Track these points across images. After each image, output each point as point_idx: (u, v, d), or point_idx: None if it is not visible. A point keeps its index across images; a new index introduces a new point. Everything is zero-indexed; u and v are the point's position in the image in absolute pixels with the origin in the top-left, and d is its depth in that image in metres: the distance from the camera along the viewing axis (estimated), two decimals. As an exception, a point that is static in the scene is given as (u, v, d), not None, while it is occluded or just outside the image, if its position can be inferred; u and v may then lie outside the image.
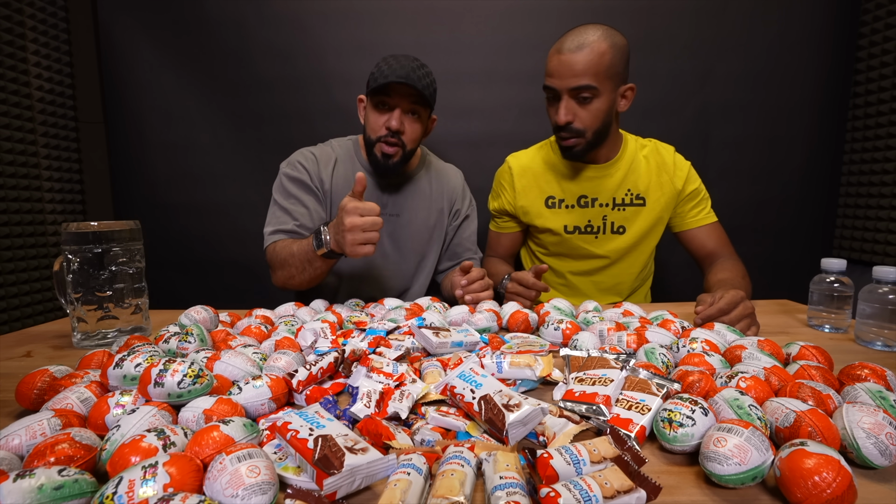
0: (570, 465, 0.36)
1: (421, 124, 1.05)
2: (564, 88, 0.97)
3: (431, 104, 1.04)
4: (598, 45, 0.94)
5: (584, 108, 0.98)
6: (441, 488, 0.34)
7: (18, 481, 0.32)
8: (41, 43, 1.49)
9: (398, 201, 1.13)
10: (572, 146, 1.02)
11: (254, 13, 1.53)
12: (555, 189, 1.12)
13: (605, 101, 0.98)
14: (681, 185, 1.10)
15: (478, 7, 1.54)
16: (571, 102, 0.98)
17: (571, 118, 0.98)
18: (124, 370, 0.50)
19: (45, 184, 1.52)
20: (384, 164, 1.04)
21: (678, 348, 0.64)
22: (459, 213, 1.20)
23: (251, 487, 0.33)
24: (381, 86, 0.97)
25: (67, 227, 0.72)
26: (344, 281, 1.16)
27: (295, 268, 0.96)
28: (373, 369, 0.55)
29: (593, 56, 0.93)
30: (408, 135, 1.03)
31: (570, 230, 1.12)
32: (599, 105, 0.98)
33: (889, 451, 0.38)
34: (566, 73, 0.95)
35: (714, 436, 0.38)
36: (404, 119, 1.01)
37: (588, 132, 1.00)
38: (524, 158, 1.17)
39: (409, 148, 1.05)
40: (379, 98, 1.01)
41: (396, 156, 1.04)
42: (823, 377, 0.52)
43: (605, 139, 1.04)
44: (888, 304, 0.71)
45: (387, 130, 1.01)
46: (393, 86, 0.97)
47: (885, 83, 1.44)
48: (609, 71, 0.95)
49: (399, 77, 0.95)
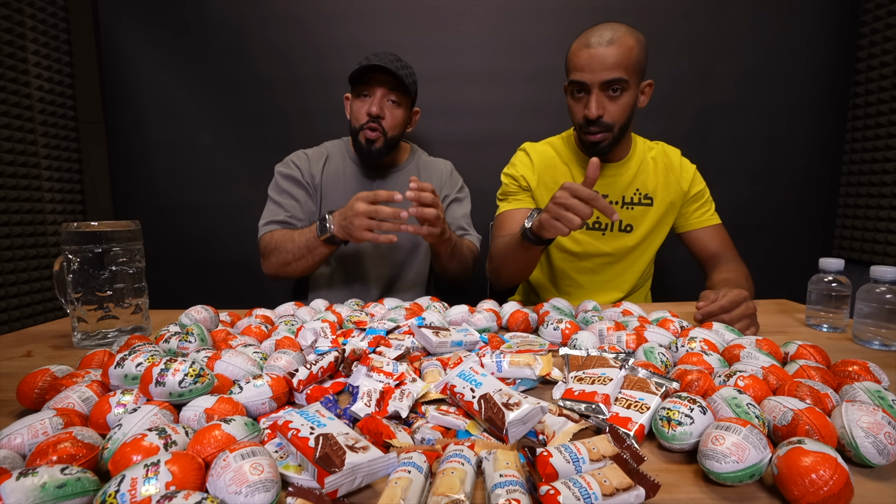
0: (570, 463, 0.36)
1: (402, 111, 1.10)
2: (596, 82, 0.96)
3: (411, 93, 1.09)
4: (626, 40, 0.95)
5: (614, 102, 0.98)
6: (441, 486, 0.34)
7: (21, 479, 0.32)
8: (41, 43, 1.49)
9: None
10: (600, 141, 1.01)
11: (254, 13, 1.53)
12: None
13: (631, 95, 0.99)
14: (686, 186, 1.11)
15: (478, 7, 1.54)
16: (602, 96, 0.98)
17: (602, 112, 0.98)
18: (125, 369, 0.50)
19: (45, 184, 1.52)
20: (367, 149, 1.09)
21: (677, 347, 0.64)
22: (448, 197, 1.23)
23: (254, 485, 0.33)
24: (361, 73, 1.04)
25: (67, 227, 0.72)
26: (337, 269, 1.18)
27: (292, 254, 1.01)
28: (373, 368, 0.55)
29: (623, 50, 0.94)
30: (388, 121, 1.08)
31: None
32: (627, 99, 0.98)
33: (887, 450, 0.39)
34: (598, 66, 0.95)
35: (712, 434, 0.38)
36: (384, 105, 1.07)
37: (616, 126, 1.00)
38: (539, 148, 1.17)
39: (391, 134, 1.09)
40: (360, 87, 1.08)
41: (378, 141, 1.08)
42: (821, 376, 0.53)
43: (625, 135, 1.05)
44: (886, 304, 0.71)
45: (367, 116, 1.06)
46: (372, 74, 1.05)
47: (885, 83, 1.44)
48: (637, 65, 0.97)
49: (377, 63, 1.02)
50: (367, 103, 1.07)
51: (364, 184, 1.16)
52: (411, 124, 1.18)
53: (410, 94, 1.09)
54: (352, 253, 1.16)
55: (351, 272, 1.18)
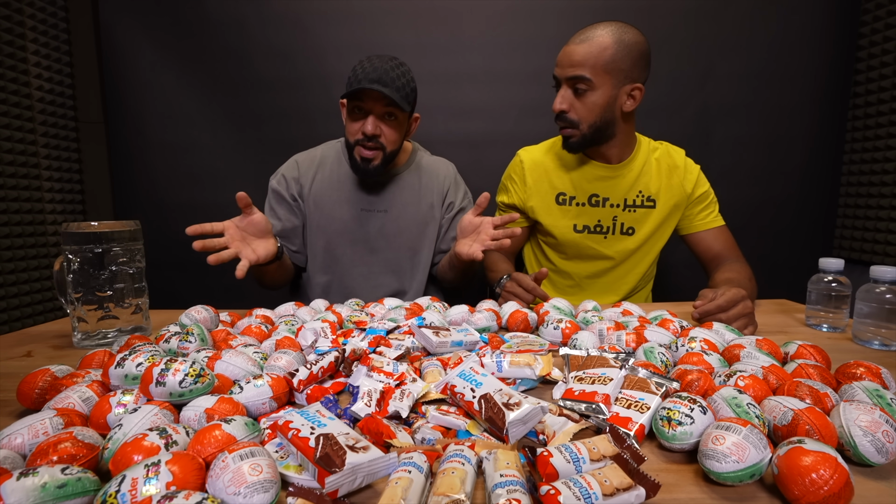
0: (570, 463, 0.36)
1: (399, 126, 1.04)
2: (563, 77, 1.00)
3: (408, 107, 1.01)
4: (601, 40, 0.95)
5: (580, 99, 1.00)
6: (442, 486, 0.34)
7: (22, 479, 0.32)
8: (41, 43, 1.49)
9: (385, 197, 1.13)
10: (568, 136, 1.04)
11: (254, 14, 1.53)
12: (566, 186, 1.12)
13: (601, 95, 0.98)
14: (690, 188, 1.11)
15: (478, 7, 1.54)
16: (568, 92, 1.00)
17: (566, 108, 1.00)
18: (126, 370, 0.50)
19: (45, 184, 1.52)
20: (364, 168, 1.05)
21: (677, 347, 0.64)
22: (453, 205, 1.19)
23: (253, 485, 0.33)
24: (354, 91, 0.96)
25: (67, 227, 0.72)
26: (335, 280, 1.16)
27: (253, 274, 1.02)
28: (373, 368, 0.55)
29: (593, 49, 0.95)
30: (386, 137, 1.02)
31: (580, 229, 1.12)
32: (595, 99, 0.98)
33: (885, 449, 0.39)
34: (565, 62, 0.98)
35: (712, 434, 0.38)
36: (380, 124, 1.00)
37: (583, 124, 1.01)
38: (536, 153, 1.16)
39: (391, 149, 1.05)
40: (353, 103, 1.00)
41: (377, 159, 1.03)
42: (821, 376, 0.53)
43: (605, 136, 1.04)
44: (885, 304, 0.72)
45: (363, 135, 1.01)
46: (366, 91, 0.96)
47: (885, 83, 1.44)
48: (609, 66, 0.96)
49: (371, 81, 0.94)
50: (360, 121, 1.01)
51: (360, 189, 1.12)
52: (410, 132, 1.12)
53: (408, 109, 1.01)
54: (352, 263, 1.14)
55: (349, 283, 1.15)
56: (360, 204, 1.12)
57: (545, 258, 1.21)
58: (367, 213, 1.12)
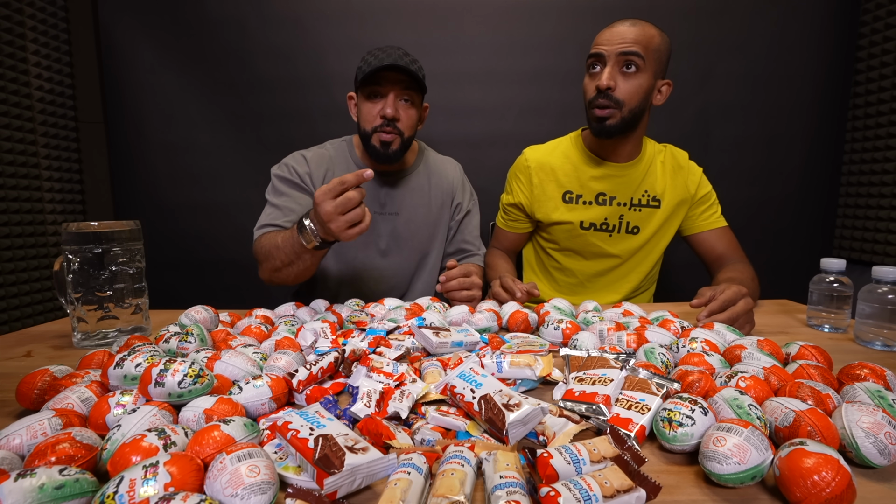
0: (570, 464, 0.36)
1: (416, 110, 1.04)
2: (612, 52, 0.97)
3: (424, 88, 1.02)
4: (649, 28, 0.97)
5: (627, 79, 0.98)
6: (441, 487, 0.34)
7: (19, 480, 0.32)
8: (41, 43, 1.49)
9: (396, 199, 1.13)
10: (607, 117, 1.00)
11: (254, 14, 1.53)
12: (574, 184, 1.12)
13: (646, 79, 0.98)
14: (694, 189, 1.12)
15: (478, 7, 1.54)
16: (616, 69, 0.98)
17: (613, 84, 0.97)
18: (125, 370, 0.50)
19: (45, 184, 1.52)
20: (384, 152, 1.02)
21: (678, 348, 0.64)
22: (461, 206, 1.18)
23: (251, 487, 0.33)
24: (372, 74, 0.96)
25: (67, 227, 0.72)
26: (344, 282, 1.15)
27: (280, 260, 0.90)
28: (373, 369, 0.55)
29: (644, 31, 0.96)
30: (403, 121, 1.02)
31: (586, 226, 1.12)
32: (641, 81, 0.98)
33: (888, 451, 0.38)
34: (616, 39, 0.97)
35: (714, 435, 0.38)
36: (398, 105, 1.00)
37: (625, 106, 0.99)
38: (542, 151, 1.16)
39: (407, 135, 1.04)
40: (370, 88, 1.00)
41: (395, 143, 1.02)
42: (823, 377, 0.52)
43: (636, 124, 1.03)
44: (887, 304, 0.71)
45: (382, 119, 1.00)
46: (383, 73, 0.96)
47: (885, 83, 1.44)
48: (655, 53, 0.97)
49: (389, 62, 0.95)
50: (379, 104, 1.00)
51: (372, 190, 1.10)
52: (422, 121, 1.11)
53: (423, 91, 1.03)
54: (361, 266, 1.13)
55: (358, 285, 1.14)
56: (371, 207, 1.11)
57: (547, 256, 1.21)
58: (379, 217, 1.12)
